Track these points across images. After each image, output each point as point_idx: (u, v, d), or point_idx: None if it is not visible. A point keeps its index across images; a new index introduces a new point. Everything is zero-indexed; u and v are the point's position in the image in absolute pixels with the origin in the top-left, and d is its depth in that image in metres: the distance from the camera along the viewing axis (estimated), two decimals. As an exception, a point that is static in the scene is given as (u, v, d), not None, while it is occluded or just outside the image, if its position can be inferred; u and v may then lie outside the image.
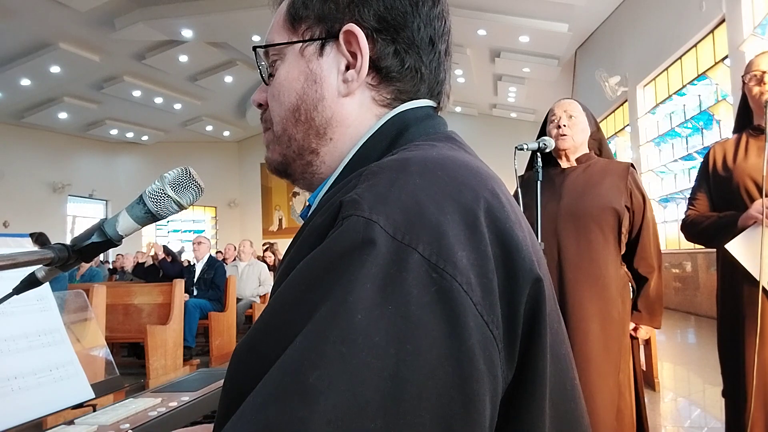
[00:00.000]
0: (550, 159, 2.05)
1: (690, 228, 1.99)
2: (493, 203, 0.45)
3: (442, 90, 0.61)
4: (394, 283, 0.38)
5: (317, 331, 0.36)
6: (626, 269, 1.95)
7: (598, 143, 2.08)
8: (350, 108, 0.57)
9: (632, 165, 1.99)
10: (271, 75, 0.60)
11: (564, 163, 2.02)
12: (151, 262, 7.22)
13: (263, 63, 0.62)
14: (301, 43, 0.58)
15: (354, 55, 0.56)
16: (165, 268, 6.46)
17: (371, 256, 0.38)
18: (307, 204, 0.60)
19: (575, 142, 1.98)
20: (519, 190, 2.04)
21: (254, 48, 0.61)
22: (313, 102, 0.57)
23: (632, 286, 1.95)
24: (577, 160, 2.01)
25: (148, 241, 7.24)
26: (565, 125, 1.97)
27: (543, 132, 2.06)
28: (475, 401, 0.37)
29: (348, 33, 0.55)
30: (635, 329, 1.95)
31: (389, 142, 0.55)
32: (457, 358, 0.37)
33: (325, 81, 0.57)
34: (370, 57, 0.55)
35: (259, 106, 0.63)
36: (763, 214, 1.71)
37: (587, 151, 2.02)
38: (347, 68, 0.56)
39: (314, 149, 0.58)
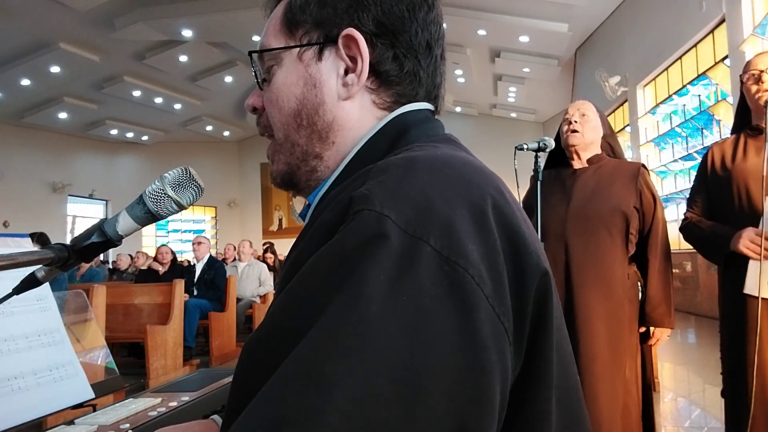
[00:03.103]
0: (562, 159, 2.06)
1: (687, 232, 1.99)
2: (499, 200, 0.46)
3: (438, 93, 0.62)
4: (406, 275, 0.38)
5: (331, 323, 0.37)
6: (636, 269, 1.95)
7: (611, 147, 2.08)
8: (351, 111, 0.57)
9: (643, 165, 1.99)
10: (265, 80, 0.60)
11: (576, 164, 2.02)
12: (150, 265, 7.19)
13: (258, 67, 0.61)
14: (299, 48, 0.57)
15: (353, 59, 0.56)
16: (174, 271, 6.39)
17: (384, 249, 0.39)
18: (307, 203, 0.60)
19: (585, 139, 1.98)
20: (529, 189, 2.05)
21: (250, 53, 0.61)
22: (313, 106, 0.57)
23: (641, 286, 1.95)
24: (588, 160, 2.01)
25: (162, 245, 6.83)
26: (576, 122, 1.98)
27: (558, 134, 2.07)
28: (488, 392, 0.38)
29: (348, 37, 0.55)
30: (651, 336, 1.95)
31: (390, 142, 0.55)
32: (470, 349, 0.38)
33: (325, 85, 0.57)
34: (369, 61, 0.55)
35: (254, 110, 0.63)
36: (761, 253, 1.69)
37: (599, 152, 2.03)
38: (346, 72, 0.56)
39: (318, 154, 0.58)
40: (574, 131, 1.97)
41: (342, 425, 0.33)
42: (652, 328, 1.95)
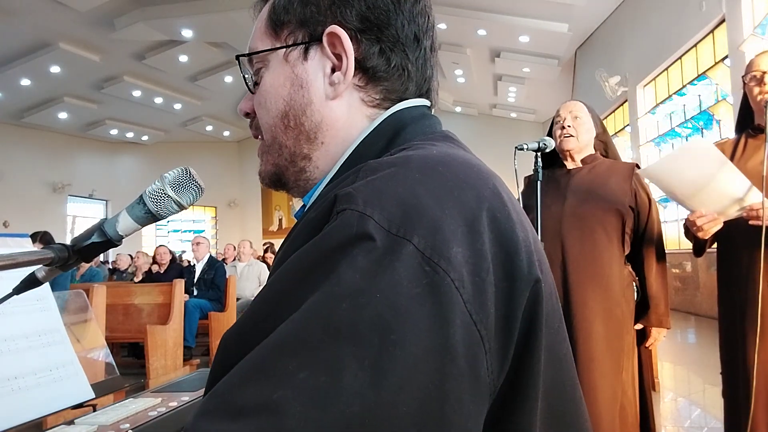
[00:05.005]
0: (556, 159, 2.06)
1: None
2: (494, 203, 0.44)
3: (430, 87, 0.61)
4: (384, 271, 0.37)
5: (301, 319, 0.37)
6: (630, 269, 1.95)
7: (604, 145, 2.08)
8: (339, 111, 0.56)
9: (637, 165, 1.99)
10: (256, 83, 0.60)
11: (569, 164, 2.02)
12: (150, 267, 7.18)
13: (248, 71, 0.61)
14: (284, 49, 0.57)
15: (339, 57, 0.55)
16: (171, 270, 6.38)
17: (364, 249, 0.38)
18: (302, 204, 0.60)
19: (579, 142, 1.98)
20: (524, 190, 2.05)
21: (237, 57, 0.60)
22: (301, 107, 0.57)
23: (636, 286, 1.95)
24: (582, 160, 2.01)
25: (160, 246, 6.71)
26: (569, 125, 1.97)
27: (550, 134, 2.07)
28: (452, 399, 0.37)
29: (331, 35, 0.55)
30: (647, 336, 1.95)
31: (386, 141, 0.55)
32: (439, 354, 0.37)
33: (312, 85, 0.56)
34: (355, 58, 0.55)
35: (247, 115, 0.63)
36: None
37: (593, 152, 2.03)
38: (333, 71, 0.56)
39: (306, 155, 0.58)
40: (568, 135, 1.97)
41: (300, 420, 0.33)
42: (648, 329, 1.95)
